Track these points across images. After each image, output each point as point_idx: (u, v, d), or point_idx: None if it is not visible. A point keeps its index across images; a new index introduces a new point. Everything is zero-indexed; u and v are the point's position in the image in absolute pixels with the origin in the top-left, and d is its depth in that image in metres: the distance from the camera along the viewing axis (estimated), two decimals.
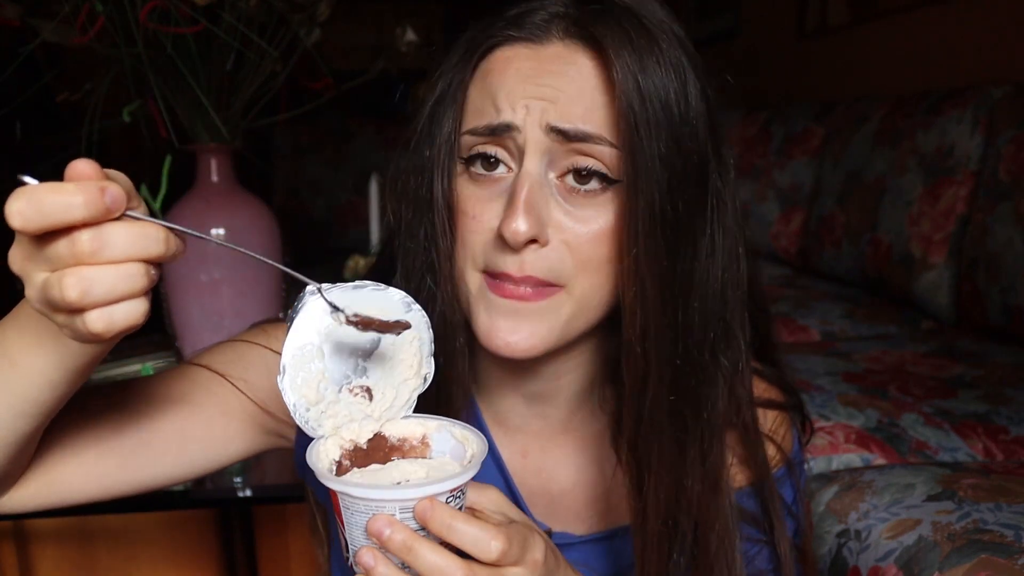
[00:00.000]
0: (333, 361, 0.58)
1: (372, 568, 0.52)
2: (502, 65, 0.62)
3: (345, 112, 3.67)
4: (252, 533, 1.32)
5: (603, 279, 0.62)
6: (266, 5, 1.27)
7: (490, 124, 0.61)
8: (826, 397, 1.47)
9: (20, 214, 0.41)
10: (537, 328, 0.62)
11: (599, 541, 0.73)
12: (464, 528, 0.51)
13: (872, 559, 1.06)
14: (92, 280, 0.43)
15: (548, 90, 0.59)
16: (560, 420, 0.74)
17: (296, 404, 0.56)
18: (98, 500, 0.69)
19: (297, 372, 0.56)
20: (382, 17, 4.15)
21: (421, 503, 0.51)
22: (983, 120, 1.93)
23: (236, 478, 1.24)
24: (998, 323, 1.79)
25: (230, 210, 1.42)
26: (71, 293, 0.42)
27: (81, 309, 0.43)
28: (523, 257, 0.60)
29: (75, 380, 0.55)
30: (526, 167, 0.60)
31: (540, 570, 0.55)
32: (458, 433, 0.59)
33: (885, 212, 2.13)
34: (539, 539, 0.56)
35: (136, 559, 1.33)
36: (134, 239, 0.44)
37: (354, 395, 0.59)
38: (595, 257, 0.61)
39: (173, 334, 1.45)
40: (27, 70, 1.27)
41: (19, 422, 0.56)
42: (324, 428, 0.58)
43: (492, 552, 0.52)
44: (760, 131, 2.87)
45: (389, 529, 0.51)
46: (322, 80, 1.43)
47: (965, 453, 1.34)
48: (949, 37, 2.33)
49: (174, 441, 0.69)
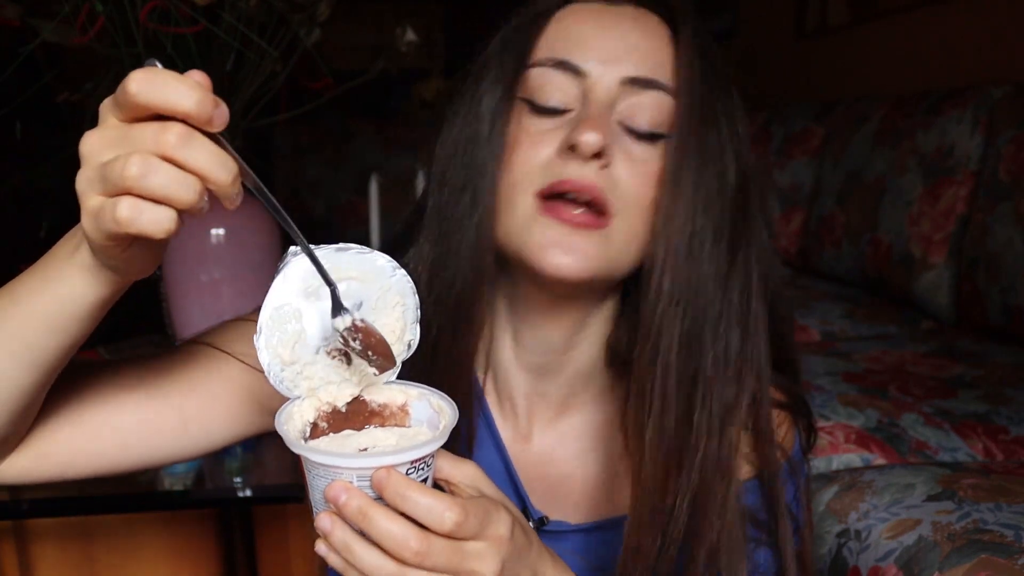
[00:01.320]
0: (313, 320, 0.57)
1: (329, 532, 0.52)
2: (578, 16, 0.66)
3: (345, 112, 3.67)
4: (252, 533, 1.32)
5: (646, 224, 0.63)
6: (266, 5, 1.27)
7: (561, 59, 0.64)
8: (826, 397, 1.47)
9: (138, 83, 0.43)
10: (588, 252, 0.62)
11: (596, 530, 0.72)
12: (417, 498, 0.50)
13: (872, 559, 1.06)
14: (157, 168, 0.44)
15: (622, 43, 0.64)
16: (561, 399, 0.74)
17: (270, 364, 0.56)
18: (97, 475, 0.68)
19: (273, 332, 0.55)
20: (382, 17, 4.14)
21: (378, 472, 0.51)
22: (983, 120, 1.93)
23: (236, 478, 1.24)
24: (998, 323, 1.79)
25: (230, 210, 1.41)
26: (133, 169, 0.43)
27: (127, 191, 0.44)
28: (588, 168, 0.61)
29: (78, 327, 0.54)
30: (595, 98, 0.63)
31: (506, 547, 0.53)
32: (435, 403, 0.58)
33: (885, 212, 2.13)
34: (505, 515, 0.54)
35: (136, 559, 1.33)
36: (213, 156, 0.45)
37: (332, 357, 0.58)
38: (644, 196, 0.63)
39: (173, 334, 1.45)
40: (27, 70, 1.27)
41: (22, 374, 0.56)
42: (300, 389, 0.57)
43: (446, 523, 0.51)
44: (760, 131, 2.87)
45: (345, 495, 0.51)
46: (322, 80, 1.43)
47: (965, 453, 1.34)
48: (949, 37, 2.33)
49: (175, 416, 0.69)
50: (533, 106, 0.65)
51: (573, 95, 0.64)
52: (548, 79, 0.64)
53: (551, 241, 0.62)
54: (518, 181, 0.64)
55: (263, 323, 0.55)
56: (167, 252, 1.61)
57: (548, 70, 0.64)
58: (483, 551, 0.52)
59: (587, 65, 0.64)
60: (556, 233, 0.62)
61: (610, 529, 0.72)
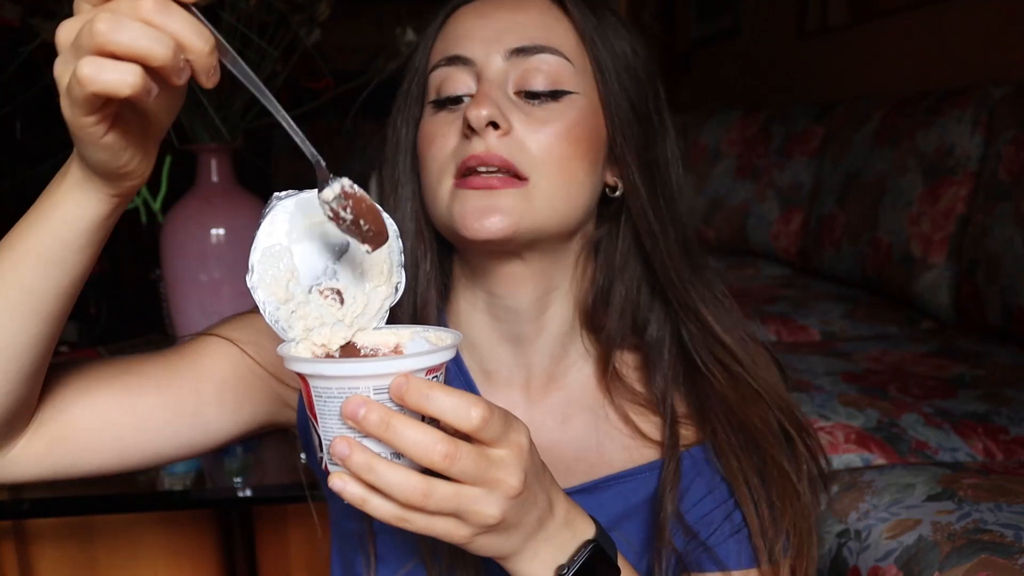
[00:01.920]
0: (302, 261, 0.57)
1: (347, 457, 0.49)
2: (460, 14, 0.72)
3: (345, 112, 3.66)
4: (252, 533, 1.32)
5: (566, 178, 0.68)
6: (266, 5, 1.28)
7: (448, 55, 0.69)
8: (826, 397, 1.46)
9: None
10: (510, 208, 0.65)
11: (588, 492, 0.72)
12: (442, 396, 0.49)
13: (872, 559, 1.06)
14: (127, 24, 0.43)
15: (502, 23, 0.70)
16: (544, 369, 0.75)
17: (265, 302, 0.55)
18: (112, 470, 0.68)
19: (266, 270, 0.55)
20: (382, 17, 4.14)
21: (396, 379, 0.49)
22: (983, 120, 1.93)
23: (236, 478, 1.24)
24: (998, 323, 1.79)
25: (230, 210, 1.42)
26: (100, 24, 0.43)
27: (93, 49, 0.43)
28: (487, 140, 0.65)
29: (74, 259, 0.54)
30: (485, 76, 0.68)
31: (527, 458, 0.53)
32: (433, 336, 0.58)
33: (885, 212, 2.13)
34: (523, 426, 0.54)
35: (136, 559, 1.33)
36: (189, 23, 0.45)
37: (324, 297, 0.58)
38: (555, 154, 0.67)
39: (173, 334, 1.45)
40: (27, 70, 1.27)
41: (24, 324, 0.55)
42: (295, 331, 0.57)
43: (473, 419, 0.49)
44: (760, 131, 2.87)
45: (364, 408, 0.48)
46: (322, 80, 1.43)
47: (965, 453, 1.34)
48: (949, 37, 2.33)
49: (190, 403, 0.69)
50: (437, 103, 0.70)
51: (468, 83, 0.69)
52: (444, 76, 0.70)
53: (471, 208, 0.66)
54: (435, 173, 0.69)
55: (254, 263, 0.55)
56: (167, 251, 1.61)
57: (442, 68, 0.70)
58: (507, 459, 0.51)
59: (473, 52, 0.68)
60: (474, 199, 0.66)
61: (604, 490, 0.73)
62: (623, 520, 0.73)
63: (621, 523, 0.72)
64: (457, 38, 0.70)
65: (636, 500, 0.73)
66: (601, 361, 0.75)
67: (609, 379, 0.74)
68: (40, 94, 1.33)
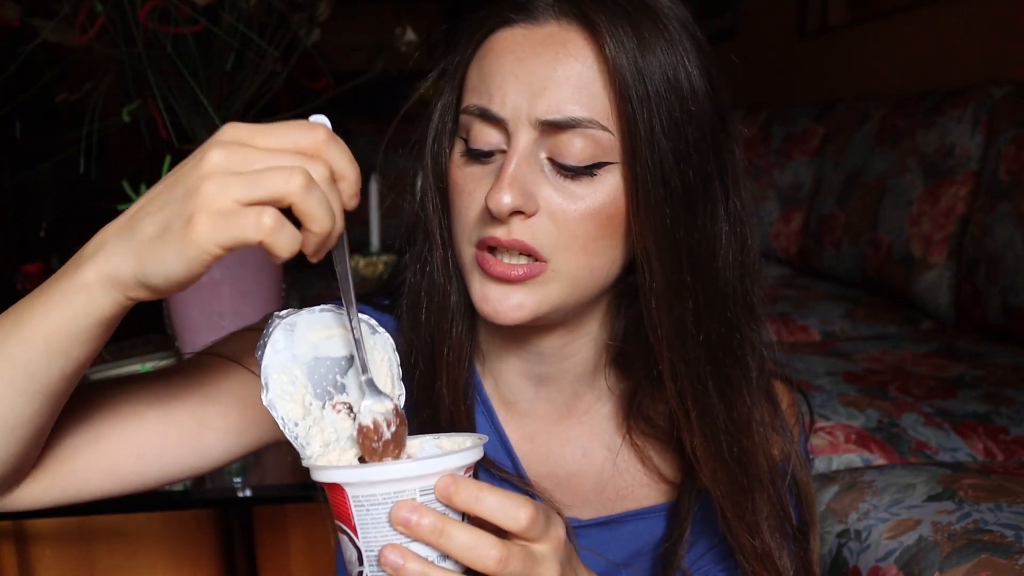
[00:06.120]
0: (311, 378, 0.57)
1: (401, 567, 0.49)
2: (499, 47, 0.64)
3: (345, 112, 3.66)
4: (252, 533, 1.32)
5: (589, 258, 0.64)
6: (266, 5, 1.28)
7: (481, 107, 0.64)
8: (826, 397, 1.46)
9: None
10: (526, 299, 0.63)
11: (606, 525, 0.72)
12: (492, 498, 0.49)
13: (872, 559, 1.06)
14: (315, 188, 0.46)
15: (537, 78, 0.61)
16: (566, 403, 0.74)
17: (285, 419, 0.55)
18: (113, 495, 0.68)
19: (281, 387, 0.55)
20: (382, 17, 4.14)
21: (443, 480, 0.49)
22: (983, 120, 1.93)
23: (236, 478, 1.24)
24: (998, 323, 1.79)
25: None
26: (299, 178, 0.45)
27: (278, 201, 0.45)
28: (510, 226, 0.62)
29: (80, 350, 0.53)
30: (515, 145, 0.62)
31: (562, 551, 0.53)
32: (445, 443, 0.58)
33: (885, 212, 2.13)
34: (560, 520, 0.54)
35: (136, 559, 1.33)
36: (335, 205, 0.48)
37: (337, 411, 0.58)
38: (580, 234, 0.63)
39: (173, 334, 1.45)
40: (27, 70, 1.27)
41: (25, 403, 0.54)
42: (313, 447, 0.56)
43: (521, 520, 0.50)
44: (760, 131, 2.87)
45: (415, 515, 0.48)
46: (322, 80, 1.43)
47: (965, 453, 1.34)
48: (949, 37, 2.33)
49: (191, 429, 0.68)
50: (468, 148, 0.66)
51: (498, 140, 0.64)
52: (474, 126, 0.65)
53: (487, 295, 0.64)
54: (462, 231, 0.66)
55: (267, 380, 0.55)
56: None
57: (473, 118, 0.65)
58: (546, 554, 0.52)
59: (504, 112, 0.63)
60: (490, 286, 0.64)
61: (621, 524, 0.73)
62: (636, 557, 0.73)
63: (634, 560, 0.73)
64: (490, 87, 0.63)
65: (650, 538, 0.73)
66: (624, 398, 0.73)
67: (631, 417, 0.72)
68: (40, 94, 1.33)
